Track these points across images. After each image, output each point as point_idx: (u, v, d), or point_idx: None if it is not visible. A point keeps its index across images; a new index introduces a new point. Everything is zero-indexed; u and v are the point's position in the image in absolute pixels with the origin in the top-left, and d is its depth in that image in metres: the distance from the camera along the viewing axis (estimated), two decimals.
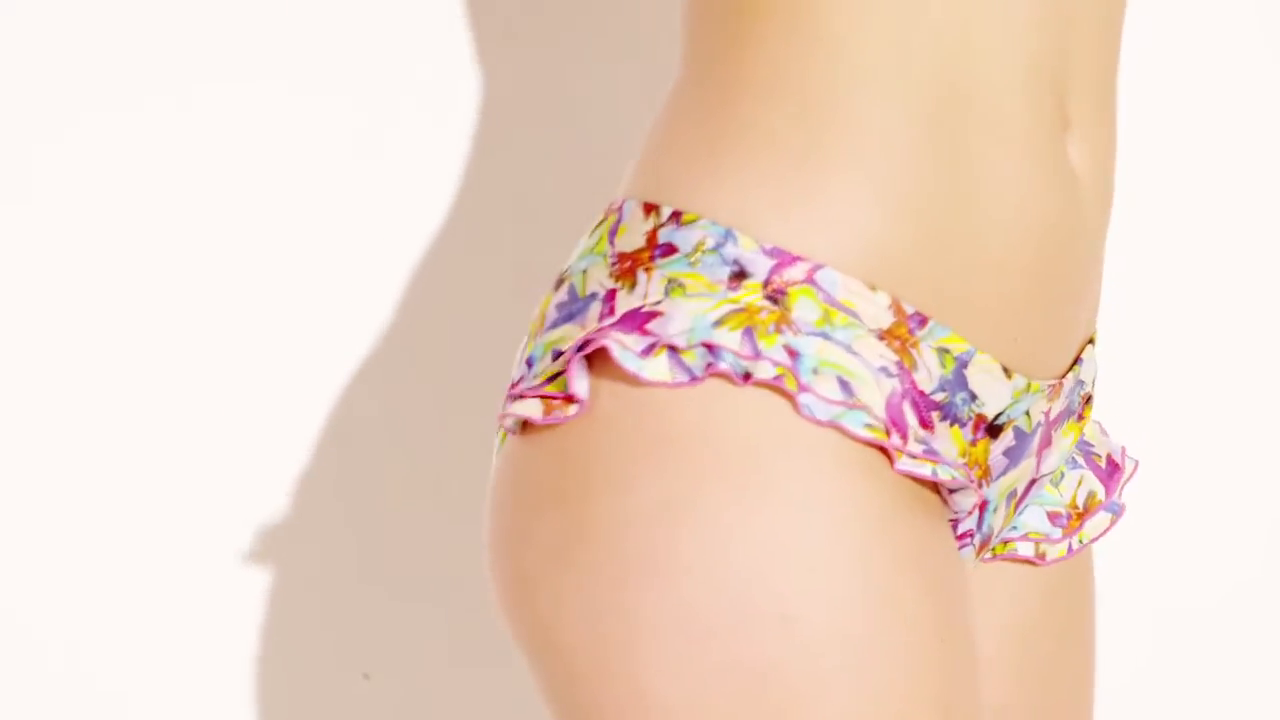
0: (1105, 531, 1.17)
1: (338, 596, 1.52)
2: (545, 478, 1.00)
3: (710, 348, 0.97)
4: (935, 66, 1.01)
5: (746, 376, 0.97)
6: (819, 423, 0.97)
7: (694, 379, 0.97)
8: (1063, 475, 1.16)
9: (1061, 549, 1.16)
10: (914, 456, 0.99)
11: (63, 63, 1.43)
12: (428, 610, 1.51)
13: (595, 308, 1.02)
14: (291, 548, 1.50)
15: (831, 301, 0.99)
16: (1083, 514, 1.16)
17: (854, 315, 1.00)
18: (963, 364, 1.03)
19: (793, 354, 0.98)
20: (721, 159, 1.02)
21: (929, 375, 1.02)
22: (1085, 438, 1.18)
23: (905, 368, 1.01)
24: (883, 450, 0.99)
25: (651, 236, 1.02)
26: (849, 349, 0.99)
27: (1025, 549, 1.15)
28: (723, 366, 0.97)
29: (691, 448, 0.97)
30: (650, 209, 1.03)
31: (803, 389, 0.97)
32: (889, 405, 1.00)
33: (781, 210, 1.00)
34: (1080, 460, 1.17)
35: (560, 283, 1.06)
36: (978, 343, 1.03)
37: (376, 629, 1.52)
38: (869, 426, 0.98)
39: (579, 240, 1.07)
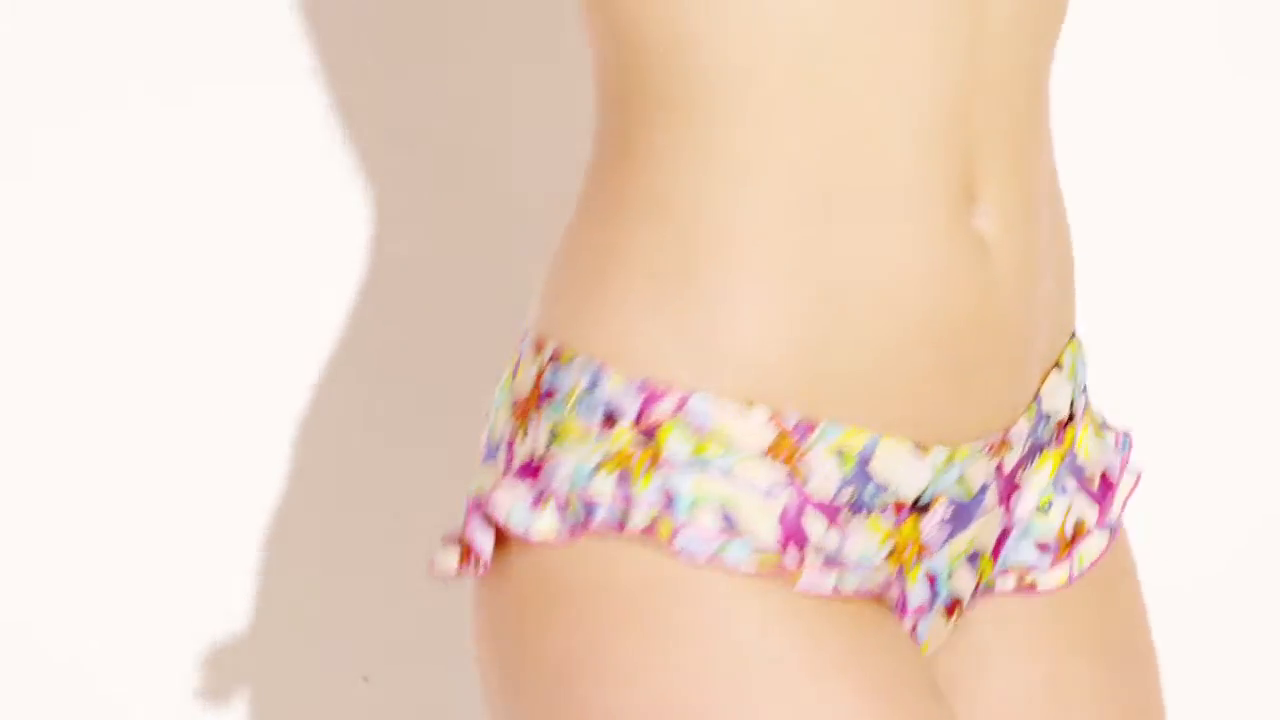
0: (1103, 554, 1.13)
1: (337, 598, 1.52)
2: (486, 627, 1.04)
3: (587, 500, 0.98)
4: (820, 154, 0.99)
5: (622, 525, 0.97)
6: (699, 561, 0.97)
7: (575, 533, 0.98)
8: (1051, 503, 1.12)
9: (1061, 576, 1.12)
10: (815, 571, 0.98)
11: (60, 62, 1.43)
12: (428, 611, 1.51)
13: (501, 455, 1.04)
14: (290, 549, 1.50)
15: (704, 430, 0.99)
16: (1071, 543, 1.12)
17: (729, 440, 0.99)
18: (864, 460, 1.01)
19: (668, 494, 0.98)
20: (602, 288, 1.01)
21: (825, 481, 1.00)
22: (1078, 460, 1.14)
23: (797, 479, 1.00)
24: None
25: (538, 379, 1.02)
26: (728, 475, 0.98)
27: (1006, 583, 1.12)
28: (599, 518, 0.98)
29: (583, 603, 0.98)
30: (539, 346, 1.03)
31: (678, 530, 0.97)
32: (784, 521, 0.99)
33: (654, 337, 0.99)
34: (1070, 484, 1.13)
35: (487, 418, 1.07)
36: (884, 427, 1.01)
37: (376, 631, 1.52)
38: (757, 552, 0.97)
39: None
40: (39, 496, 1.48)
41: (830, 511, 1.01)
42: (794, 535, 0.99)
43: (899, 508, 1.03)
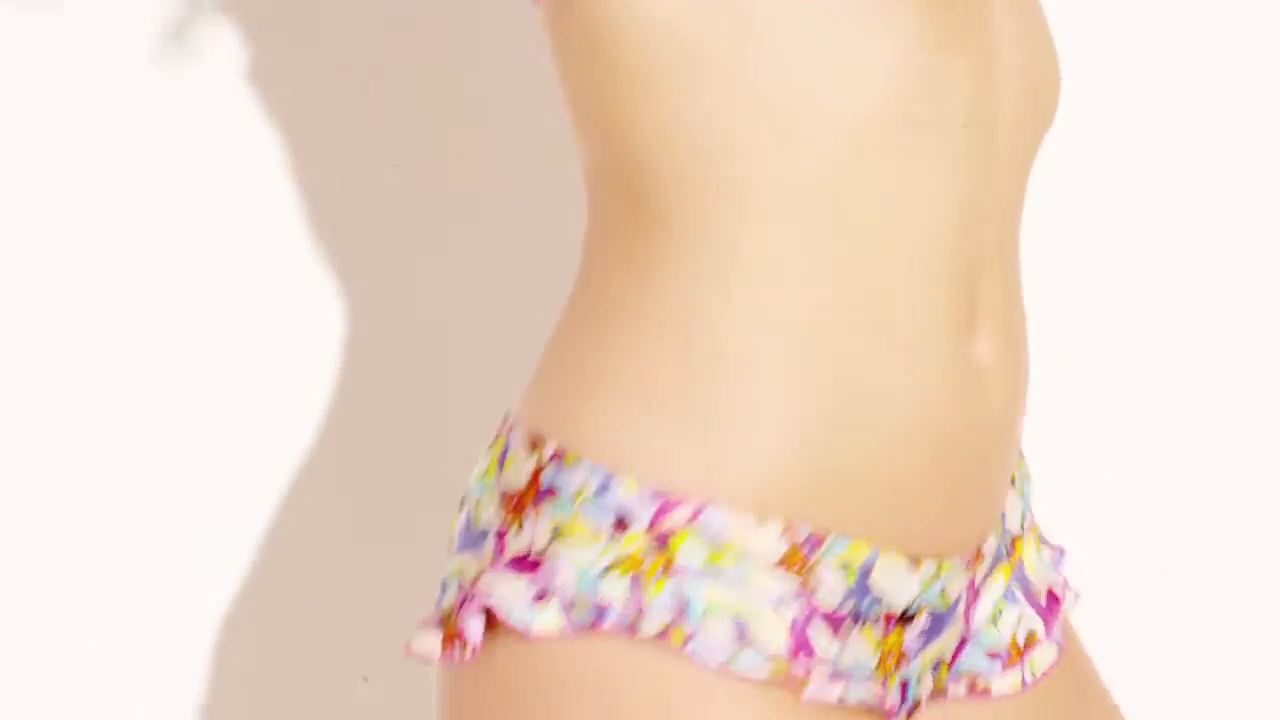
0: (1054, 665, 1.14)
1: (336, 599, 1.52)
2: (466, 712, 1.03)
3: (597, 602, 0.98)
4: (829, 279, 1.00)
5: (634, 629, 0.98)
6: (711, 666, 0.98)
7: (580, 632, 0.98)
8: (1001, 612, 1.14)
9: (1013, 682, 1.13)
10: (822, 681, 1.00)
11: (60, 62, 1.43)
12: (427, 612, 1.51)
13: (489, 544, 1.03)
14: (290, 550, 1.50)
15: (718, 541, 0.99)
16: (1023, 651, 1.14)
17: (743, 550, 0.99)
18: (865, 572, 1.02)
19: (680, 602, 0.98)
20: (607, 393, 1.01)
21: (831, 592, 1.02)
22: (1025, 573, 1.15)
23: (806, 590, 1.01)
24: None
25: (535, 476, 1.02)
26: (741, 585, 0.99)
27: (957, 689, 1.13)
28: (610, 621, 0.98)
29: (587, 695, 0.98)
30: (535, 444, 1.03)
31: (690, 637, 0.98)
32: (793, 632, 1.00)
33: (665, 448, 1.00)
34: (1019, 594, 1.15)
35: (462, 504, 1.07)
36: (883, 540, 1.03)
37: (375, 632, 1.52)
38: (769, 660, 0.99)
39: (481, 454, 1.07)
40: (39, 497, 1.48)
41: (834, 622, 1.02)
42: (803, 645, 1.00)
43: (888, 619, 1.05)
